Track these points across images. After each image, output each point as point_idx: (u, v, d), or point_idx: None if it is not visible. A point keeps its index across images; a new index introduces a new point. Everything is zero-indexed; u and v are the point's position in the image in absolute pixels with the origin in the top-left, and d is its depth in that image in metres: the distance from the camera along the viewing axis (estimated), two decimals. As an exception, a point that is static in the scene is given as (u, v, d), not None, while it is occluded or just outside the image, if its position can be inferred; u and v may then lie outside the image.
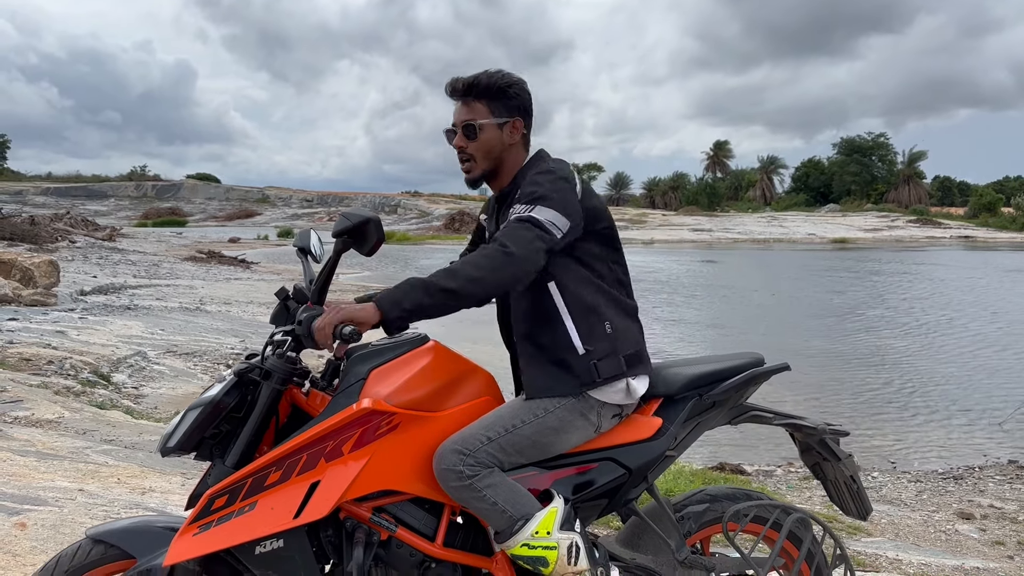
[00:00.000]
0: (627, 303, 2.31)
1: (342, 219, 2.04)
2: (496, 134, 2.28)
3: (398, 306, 1.95)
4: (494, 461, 2.11)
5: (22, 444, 4.89)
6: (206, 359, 9.67)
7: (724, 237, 57.30)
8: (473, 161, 2.31)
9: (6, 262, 13.79)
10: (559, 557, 2.09)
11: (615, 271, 2.30)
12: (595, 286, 2.23)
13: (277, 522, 1.97)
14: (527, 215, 2.09)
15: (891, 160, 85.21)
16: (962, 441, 8.43)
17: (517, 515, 2.08)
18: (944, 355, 13.28)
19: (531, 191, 2.14)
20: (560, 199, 2.13)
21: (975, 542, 5.39)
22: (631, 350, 2.25)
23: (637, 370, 2.26)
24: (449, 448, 2.09)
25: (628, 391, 2.24)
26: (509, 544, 2.09)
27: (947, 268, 31.96)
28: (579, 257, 2.22)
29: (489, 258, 2.01)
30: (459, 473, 2.06)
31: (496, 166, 2.32)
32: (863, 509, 2.60)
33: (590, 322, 2.20)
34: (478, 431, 2.13)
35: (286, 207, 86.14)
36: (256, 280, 22.68)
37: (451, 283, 1.97)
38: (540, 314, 2.22)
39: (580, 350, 2.19)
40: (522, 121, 2.32)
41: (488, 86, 2.27)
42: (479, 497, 2.07)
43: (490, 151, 2.30)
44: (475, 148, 2.29)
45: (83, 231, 33.23)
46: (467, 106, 2.29)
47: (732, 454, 7.58)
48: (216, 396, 2.06)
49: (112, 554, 2.06)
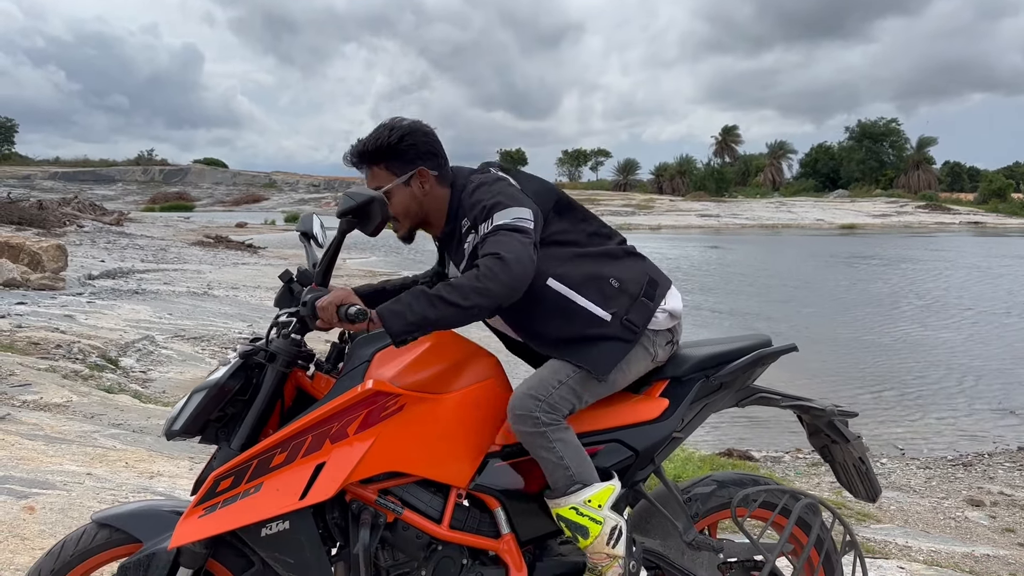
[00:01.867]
0: (613, 248, 2.31)
1: (346, 199, 2.02)
2: (405, 191, 2.25)
3: (402, 319, 1.94)
4: (566, 404, 2.15)
5: (30, 428, 4.90)
6: (214, 343, 9.68)
7: (732, 223, 57.09)
8: (396, 222, 2.28)
9: (14, 246, 13.81)
10: (601, 533, 2.12)
11: (587, 228, 2.30)
12: (583, 256, 2.24)
13: (283, 504, 1.96)
14: (493, 227, 2.07)
15: (900, 146, 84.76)
16: (971, 427, 8.39)
17: (577, 477, 2.11)
18: (953, 341, 13.21)
19: (479, 210, 2.13)
20: (508, 198, 2.12)
21: (985, 529, 5.37)
22: (643, 284, 2.26)
23: (660, 294, 2.30)
24: (523, 394, 2.13)
25: (670, 315, 2.30)
26: (560, 503, 2.12)
27: (957, 254, 31.79)
28: (556, 241, 2.21)
29: (489, 268, 1.98)
30: (535, 419, 2.10)
31: (422, 217, 2.29)
32: (872, 491, 2.58)
33: (598, 288, 2.21)
34: (548, 376, 2.17)
35: (293, 192, 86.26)
36: (263, 265, 22.70)
37: (457, 297, 1.95)
38: (556, 310, 2.20)
39: (607, 317, 2.19)
40: (426, 167, 2.25)
41: (376, 150, 2.23)
42: (548, 448, 2.10)
43: (408, 209, 2.26)
44: (393, 211, 2.24)
45: (91, 215, 33.29)
46: (371, 173, 2.25)
47: (740, 440, 7.57)
48: (221, 379, 2.05)
49: (118, 538, 2.06)
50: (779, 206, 67.88)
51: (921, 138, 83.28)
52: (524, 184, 2.23)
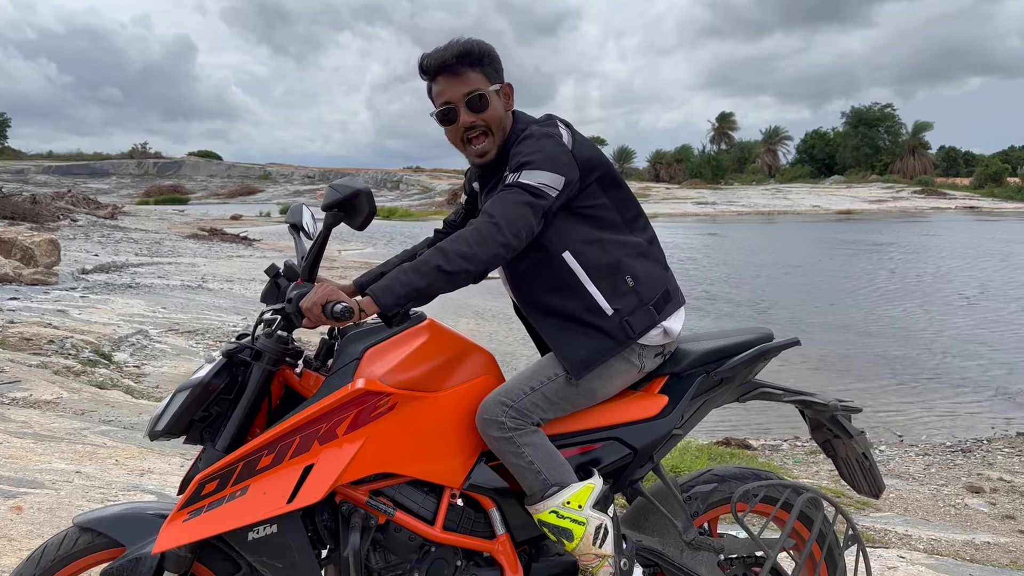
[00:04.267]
0: (641, 244, 2.21)
1: (331, 191, 1.94)
2: (499, 102, 2.18)
3: (392, 294, 1.87)
4: (537, 411, 2.08)
5: (19, 425, 4.84)
6: (208, 337, 9.61)
7: (728, 210, 57.04)
8: (489, 135, 2.17)
9: (7, 241, 13.70)
10: (585, 534, 2.05)
11: (624, 212, 2.21)
12: (608, 241, 2.15)
13: (270, 507, 1.90)
14: (515, 181, 2.01)
15: (896, 131, 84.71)
16: (969, 413, 8.38)
17: (551, 480, 2.05)
18: (950, 327, 13.19)
19: (516, 160, 2.05)
20: (545, 158, 2.03)
21: (985, 516, 5.34)
22: (657, 294, 2.18)
23: (669, 309, 2.21)
24: (493, 399, 2.07)
25: (666, 332, 2.20)
26: (538, 508, 2.06)
27: (954, 238, 31.78)
28: (586, 215, 2.12)
29: (478, 231, 1.93)
30: (500, 424, 2.03)
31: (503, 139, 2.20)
32: (875, 487, 2.53)
33: (612, 280, 2.13)
34: (521, 382, 2.10)
35: (288, 183, 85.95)
36: (258, 257, 22.60)
37: (442, 262, 1.89)
38: (561, 285, 2.13)
39: (608, 311, 2.12)
40: (510, 86, 2.21)
41: (480, 52, 2.14)
42: (517, 453, 2.04)
43: (500, 121, 2.18)
44: (488, 119, 2.15)
45: (85, 209, 33.11)
46: (461, 78, 2.13)
47: (737, 428, 7.54)
48: (205, 378, 1.99)
49: (100, 542, 1.99)
50: (775, 192, 67.85)
51: (917, 123, 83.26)
52: (577, 147, 2.12)
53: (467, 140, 2.18)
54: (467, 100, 2.13)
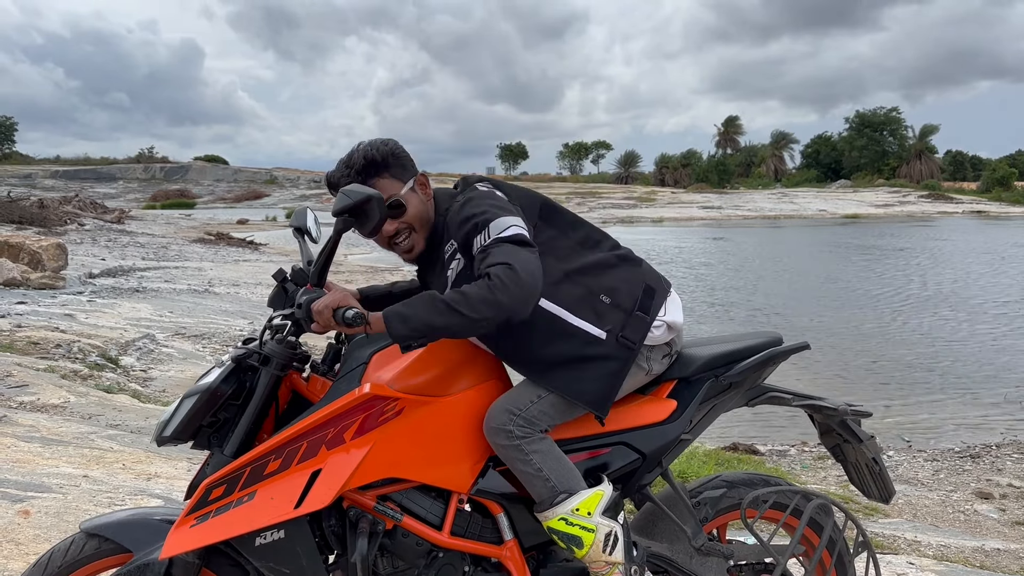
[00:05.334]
0: (605, 256, 2.19)
1: (342, 197, 1.93)
2: (417, 198, 2.17)
3: (406, 324, 1.85)
4: (545, 419, 2.07)
5: (27, 430, 4.84)
6: (215, 341, 9.62)
7: (734, 214, 56.95)
8: (414, 233, 2.17)
9: (14, 245, 13.75)
10: (595, 541, 2.04)
11: (576, 235, 2.19)
12: (572, 271, 2.12)
13: (277, 512, 1.90)
14: (493, 239, 1.95)
15: (902, 135, 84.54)
16: (978, 419, 8.32)
17: (560, 487, 2.04)
18: (958, 332, 13.13)
19: (470, 226, 2.00)
20: (496, 208, 2.01)
21: (994, 522, 5.31)
22: (637, 296, 2.15)
23: (657, 304, 2.17)
24: (500, 407, 2.06)
25: (669, 327, 2.17)
26: (547, 515, 2.05)
27: (962, 242, 31.66)
28: (543, 253, 2.05)
29: (499, 279, 1.84)
30: (508, 432, 2.02)
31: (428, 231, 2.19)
32: (885, 492, 2.52)
33: (591, 306, 2.10)
34: (527, 390, 2.09)
35: (294, 188, 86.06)
36: (265, 261, 22.63)
37: (463, 306, 1.83)
38: (549, 333, 2.09)
39: (602, 335, 2.09)
40: (424, 175, 2.20)
41: (383, 156, 2.13)
42: (525, 460, 2.03)
43: (422, 216, 2.17)
44: (410, 219, 2.14)
45: (92, 214, 33.24)
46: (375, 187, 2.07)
47: (744, 434, 7.50)
48: (213, 383, 1.99)
49: (107, 548, 1.99)
50: (781, 197, 67.71)
51: (923, 127, 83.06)
52: (509, 193, 2.13)
53: (392, 244, 2.18)
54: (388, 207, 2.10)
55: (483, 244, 1.96)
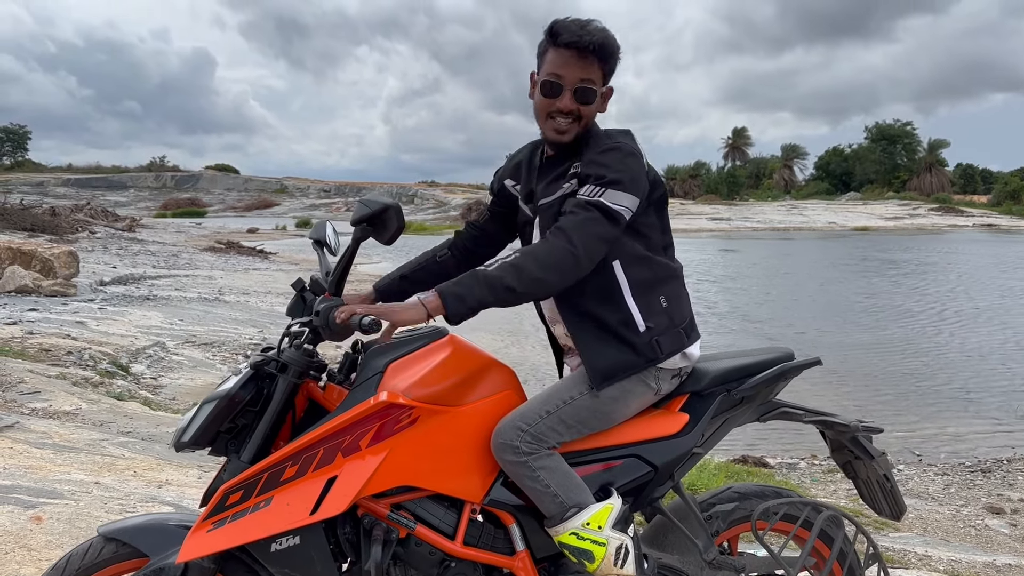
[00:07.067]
0: (674, 268, 2.25)
1: (361, 206, 1.96)
2: (599, 102, 2.17)
3: (463, 303, 1.92)
4: (553, 435, 2.08)
5: (39, 436, 4.88)
6: (225, 349, 9.67)
7: (743, 226, 56.89)
8: (576, 123, 2.13)
9: (26, 253, 13.85)
10: (607, 555, 2.04)
11: (664, 237, 2.24)
12: (650, 259, 2.17)
13: (293, 518, 1.91)
14: (596, 199, 2.00)
15: (913, 148, 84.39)
16: (989, 433, 8.28)
17: (569, 502, 2.05)
18: (969, 346, 13.07)
19: (601, 173, 2.03)
20: (630, 179, 2.04)
21: (1006, 537, 5.28)
22: (686, 319, 2.22)
23: (692, 337, 2.24)
24: (508, 423, 2.07)
25: (686, 356, 2.22)
26: (558, 530, 2.06)
27: (974, 256, 31.55)
28: (638, 231, 2.13)
29: (552, 255, 1.95)
30: (515, 448, 2.03)
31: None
32: (896, 509, 2.51)
33: (648, 298, 2.15)
34: (536, 405, 2.10)
35: (304, 197, 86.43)
36: (275, 270, 22.73)
37: (515, 282, 1.93)
38: (603, 294, 2.13)
39: (641, 327, 2.13)
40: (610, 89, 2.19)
41: (612, 49, 2.10)
42: (532, 477, 2.03)
43: (591, 117, 2.16)
44: (586, 112, 2.12)
45: (103, 222, 33.44)
46: (584, 65, 2.07)
47: (754, 447, 7.49)
48: (232, 389, 2.01)
49: (124, 552, 2.01)
50: (790, 209, 67.63)
51: (933, 140, 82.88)
52: (650, 169, 2.14)
53: (553, 116, 2.13)
54: (577, 88, 2.09)
55: (589, 195, 2.01)
